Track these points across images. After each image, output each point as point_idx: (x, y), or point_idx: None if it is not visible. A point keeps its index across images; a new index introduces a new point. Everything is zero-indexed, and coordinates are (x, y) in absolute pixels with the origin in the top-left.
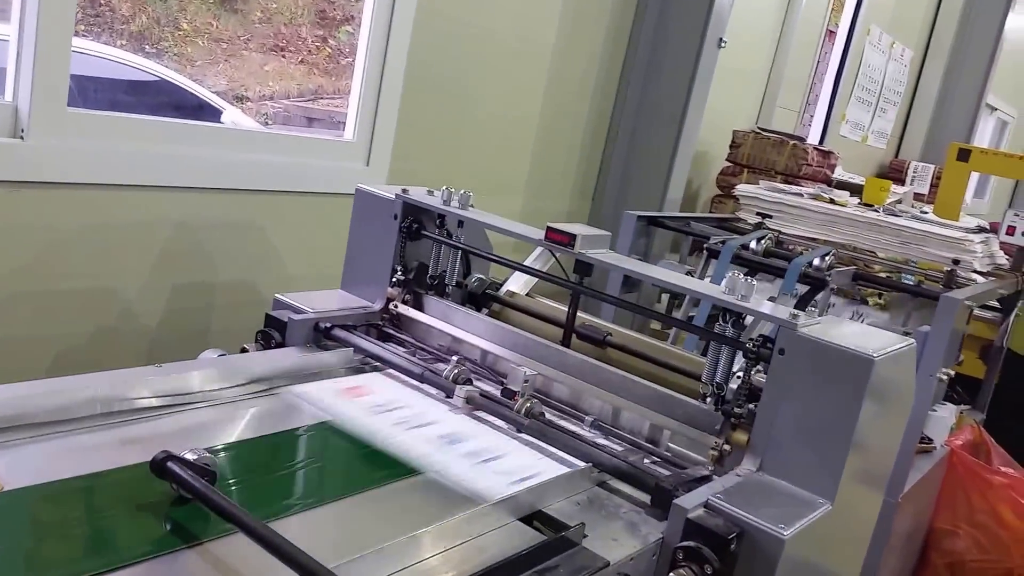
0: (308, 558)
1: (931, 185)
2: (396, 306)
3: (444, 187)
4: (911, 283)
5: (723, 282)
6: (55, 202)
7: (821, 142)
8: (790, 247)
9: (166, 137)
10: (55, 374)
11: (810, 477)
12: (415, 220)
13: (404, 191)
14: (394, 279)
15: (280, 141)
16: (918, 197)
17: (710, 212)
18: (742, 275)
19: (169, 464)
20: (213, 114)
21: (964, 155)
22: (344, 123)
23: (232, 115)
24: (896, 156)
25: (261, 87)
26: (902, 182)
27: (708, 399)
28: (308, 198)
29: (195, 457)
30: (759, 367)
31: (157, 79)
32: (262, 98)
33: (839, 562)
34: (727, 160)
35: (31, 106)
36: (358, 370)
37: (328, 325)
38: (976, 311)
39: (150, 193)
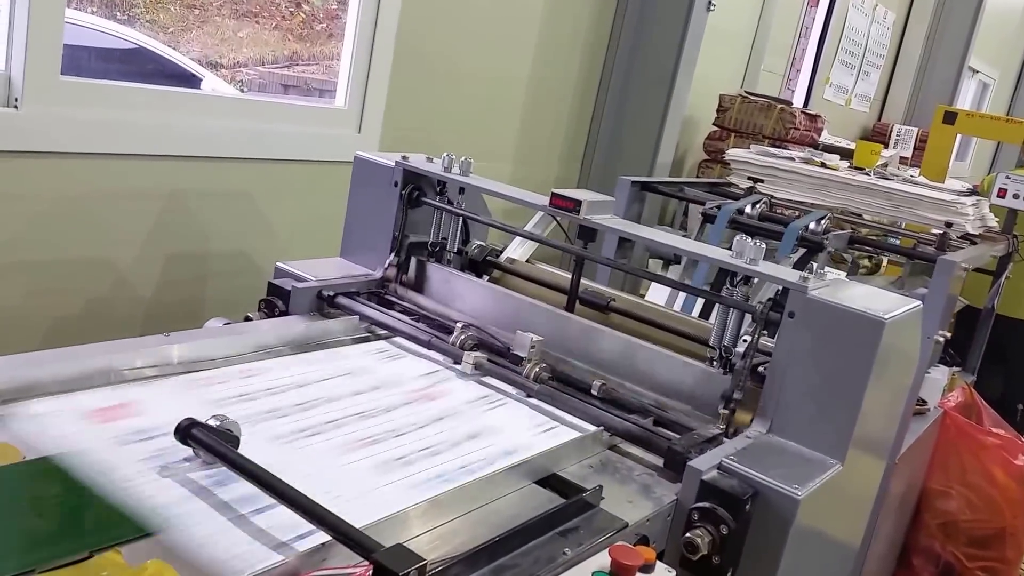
0: (337, 519)
1: (914, 148)
2: (397, 273)
3: (445, 154)
4: (899, 246)
5: (732, 246)
6: (49, 171)
7: (805, 105)
8: (781, 211)
9: (159, 105)
10: (50, 344)
11: (820, 438)
12: (415, 187)
13: (404, 158)
14: (395, 246)
15: (272, 109)
16: (902, 160)
17: (697, 177)
18: (749, 239)
19: (194, 430)
20: (193, 82)
21: (950, 118)
22: (320, 90)
23: (212, 83)
24: (879, 119)
25: (235, 54)
26: (885, 145)
27: (715, 362)
28: (300, 166)
29: (218, 423)
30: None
31: (136, 47)
32: (236, 65)
33: (847, 522)
34: (714, 124)
35: (24, 75)
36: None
37: (332, 293)
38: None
39: (143, 162)
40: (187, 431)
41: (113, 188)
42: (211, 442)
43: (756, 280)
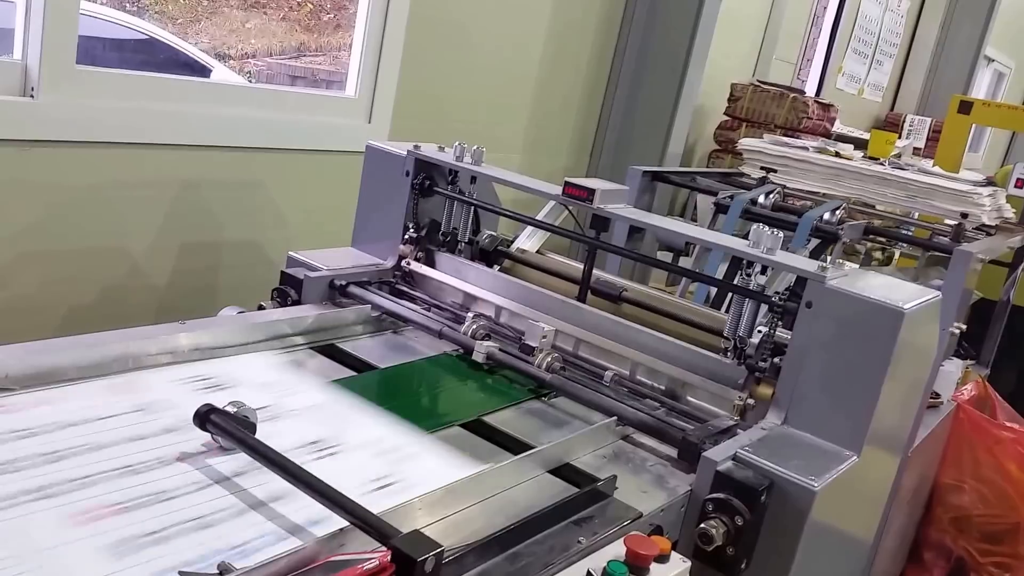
0: (355, 504)
1: (927, 138)
2: (409, 263)
3: (456, 143)
4: (914, 236)
5: (749, 235)
6: (65, 160)
7: (818, 95)
8: (794, 201)
9: (174, 95)
10: (65, 332)
11: (836, 430)
12: (427, 176)
13: (416, 147)
14: (406, 236)
15: (283, 98)
16: (915, 151)
17: (708, 167)
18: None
19: (212, 416)
20: (203, 73)
21: (966, 107)
22: (327, 80)
23: (221, 73)
24: (892, 109)
25: (243, 45)
26: (899, 135)
27: (729, 353)
28: (311, 155)
29: (235, 410)
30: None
31: (147, 37)
32: (244, 56)
33: (862, 515)
34: (725, 114)
35: (41, 64)
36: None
37: (344, 283)
38: None
39: (158, 151)
40: (206, 417)
41: (128, 177)
42: (230, 428)
43: (772, 270)
